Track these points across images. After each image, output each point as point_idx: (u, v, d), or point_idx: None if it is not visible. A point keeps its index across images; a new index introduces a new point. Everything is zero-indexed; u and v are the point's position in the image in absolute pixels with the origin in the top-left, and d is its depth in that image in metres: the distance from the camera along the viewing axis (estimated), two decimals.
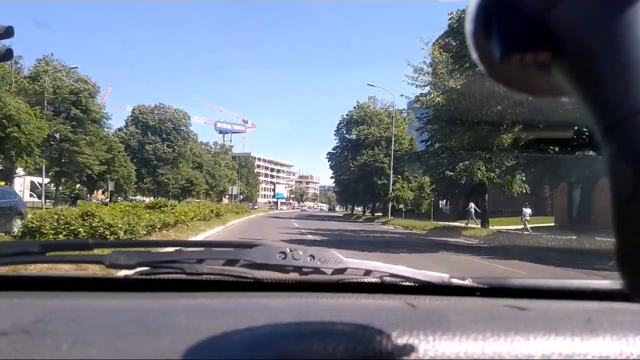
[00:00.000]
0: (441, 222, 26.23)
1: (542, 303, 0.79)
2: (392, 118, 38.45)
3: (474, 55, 0.35)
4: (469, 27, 0.34)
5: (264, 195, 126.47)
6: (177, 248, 0.99)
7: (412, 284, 0.87)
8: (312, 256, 0.85)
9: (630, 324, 0.59)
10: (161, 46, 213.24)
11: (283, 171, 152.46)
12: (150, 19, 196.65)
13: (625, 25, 0.28)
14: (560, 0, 0.31)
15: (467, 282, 0.88)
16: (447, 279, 0.88)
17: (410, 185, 37.46)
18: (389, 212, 36.37)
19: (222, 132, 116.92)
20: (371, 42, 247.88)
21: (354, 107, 51.17)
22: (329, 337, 0.51)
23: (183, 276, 0.86)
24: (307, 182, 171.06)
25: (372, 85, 51.35)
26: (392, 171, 36.44)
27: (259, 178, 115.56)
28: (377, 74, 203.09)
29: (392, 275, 0.86)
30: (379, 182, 41.82)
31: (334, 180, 57.06)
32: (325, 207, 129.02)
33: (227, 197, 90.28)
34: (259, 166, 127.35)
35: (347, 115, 51.24)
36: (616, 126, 0.28)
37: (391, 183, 36.58)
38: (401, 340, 0.52)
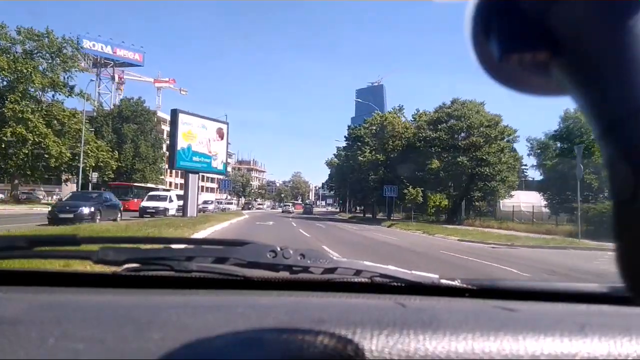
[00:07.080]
0: None
1: (531, 305, 0.80)
2: None
3: (473, 56, 0.34)
4: (468, 26, 0.34)
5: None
6: (166, 245, 0.97)
7: (402, 284, 0.88)
8: (303, 255, 0.85)
9: (618, 327, 0.59)
10: None
11: None
12: None
13: (625, 24, 0.28)
14: None
15: (457, 283, 0.90)
16: (436, 279, 0.89)
17: None
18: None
19: (96, 57, 64.70)
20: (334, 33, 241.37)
21: None
22: (318, 336, 0.51)
23: (172, 273, 0.85)
24: (250, 169, 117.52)
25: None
26: None
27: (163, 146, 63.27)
28: (336, 60, 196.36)
29: (382, 275, 0.87)
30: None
31: None
32: (291, 206, 78.83)
33: (68, 178, 38.37)
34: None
35: None
36: (616, 126, 0.28)
37: None
38: (391, 340, 0.52)
